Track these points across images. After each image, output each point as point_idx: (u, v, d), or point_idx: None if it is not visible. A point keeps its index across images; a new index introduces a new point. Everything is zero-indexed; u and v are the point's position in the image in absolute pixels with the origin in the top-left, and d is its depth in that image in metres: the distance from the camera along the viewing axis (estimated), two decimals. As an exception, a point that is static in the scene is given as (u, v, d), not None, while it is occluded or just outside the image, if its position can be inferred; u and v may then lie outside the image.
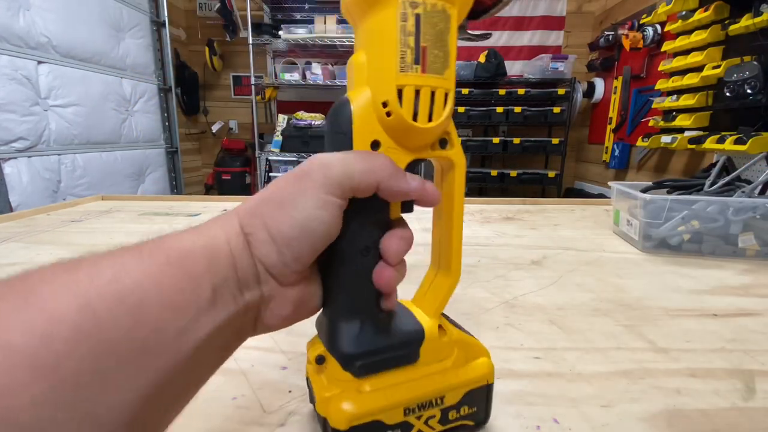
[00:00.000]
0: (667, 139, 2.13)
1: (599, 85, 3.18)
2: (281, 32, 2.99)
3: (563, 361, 0.35)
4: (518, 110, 3.00)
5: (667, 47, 2.19)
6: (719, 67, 1.83)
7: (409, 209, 0.24)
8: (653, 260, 0.61)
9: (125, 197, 1.15)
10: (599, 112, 3.25)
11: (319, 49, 3.24)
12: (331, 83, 3.11)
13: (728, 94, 1.77)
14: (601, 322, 0.42)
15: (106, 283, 0.14)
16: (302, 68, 3.13)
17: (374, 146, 0.22)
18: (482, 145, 3.19)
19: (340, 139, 0.22)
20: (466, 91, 3.03)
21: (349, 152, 0.21)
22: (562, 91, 2.98)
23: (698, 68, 1.98)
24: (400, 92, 0.21)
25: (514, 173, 3.16)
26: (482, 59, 3.04)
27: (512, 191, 3.38)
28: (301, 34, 2.97)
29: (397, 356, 0.23)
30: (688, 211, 0.61)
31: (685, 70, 2.08)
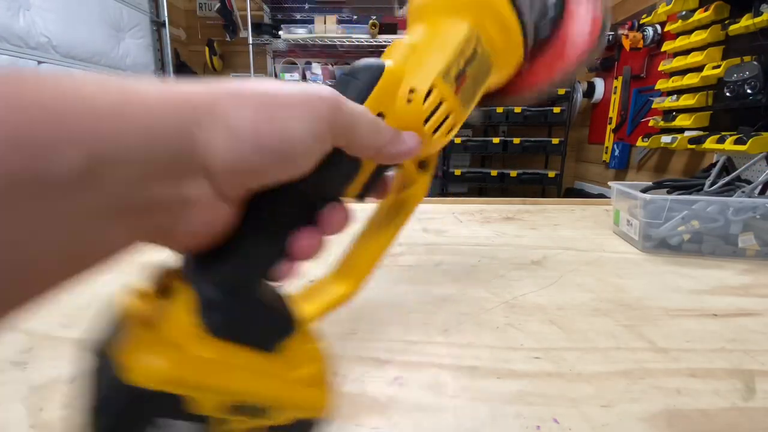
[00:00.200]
0: (667, 139, 2.13)
1: (599, 85, 3.18)
2: (281, 32, 2.99)
3: (563, 361, 0.35)
4: (518, 110, 3.01)
5: (667, 47, 2.19)
6: (719, 67, 1.83)
7: (361, 198, 0.23)
8: (653, 260, 0.61)
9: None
10: (599, 112, 3.25)
11: (319, 49, 3.24)
12: (331, 83, 3.11)
13: (728, 94, 1.77)
14: (601, 322, 0.42)
15: None
16: (302, 68, 3.13)
17: (380, 115, 0.21)
18: (482, 145, 3.19)
19: (356, 86, 0.21)
20: None
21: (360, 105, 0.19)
22: (562, 91, 2.98)
23: (698, 68, 1.98)
24: (430, 91, 0.22)
25: (514, 173, 3.16)
26: (482, 59, 3.04)
27: (512, 191, 3.38)
28: (301, 34, 2.97)
29: (258, 333, 0.18)
30: (688, 211, 0.61)
31: (685, 70, 2.08)
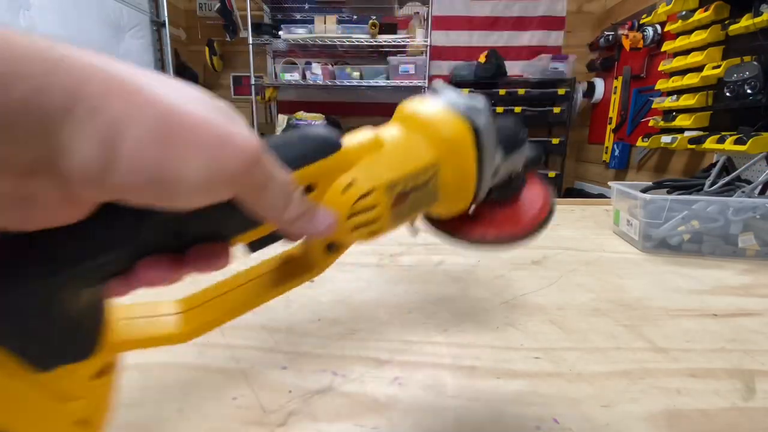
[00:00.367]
0: (667, 139, 2.13)
1: (599, 85, 3.18)
2: (281, 32, 2.99)
3: (563, 361, 0.35)
4: (518, 110, 3.00)
5: (667, 47, 2.19)
6: (719, 67, 1.83)
7: (252, 249, 0.21)
8: (653, 260, 0.61)
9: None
10: (599, 112, 3.25)
11: (319, 49, 3.24)
12: (331, 83, 3.11)
13: (728, 94, 1.77)
14: (601, 322, 0.42)
15: None
16: (302, 68, 3.13)
17: (309, 189, 0.21)
18: (482, 145, 3.19)
19: (299, 151, 0.20)
20: (466, 91, 3.03)
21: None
22: (562, 91, 2.98)
23: (698, 68, 1.98)
24: (369, 192, 0.22)
25: (514, 173, 3.15)
26: (482, 59, 3.03)
27: (512, 191, 3.38)
28: (301, 34, 2.97)
29: (37, 346, 0.15)
30: (688, 211, 0.61)
31: (685, 70, 2.08)
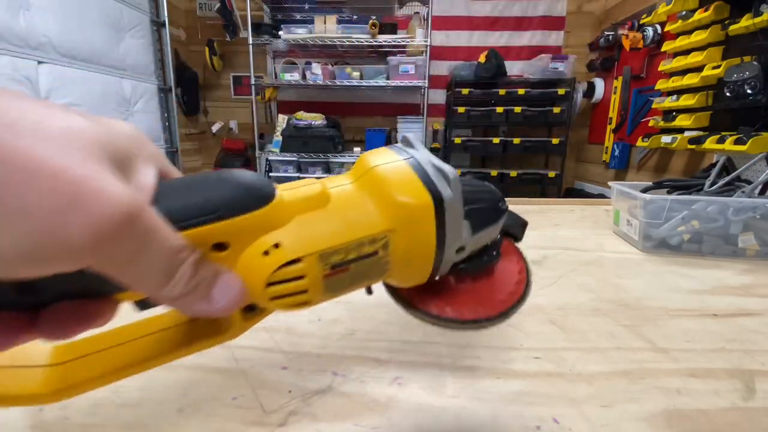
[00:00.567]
0: (667, 139, 2.13)
1: (599, 85, 3.18)
2: (281, 32, 2.99)
3: (563, 361, 0.35)
4: (518, 110, 3.00)
5: (667, 47, 2.19)
6: (719, 67, 1.83)
7: (140, 307, 0.18)
8: (653, 260, 0.61)
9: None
10: (599, 112, 3.25)
11: (319, 49, 3.24)
12: (331, 83, 3.12)
13: (728, 94, 1.77)
14: (601, 322, 0.42)
15: None
16: (302, 68, 3.13)
17: (219, 246, 0.17)
18: (482, 145, 3.19)
19: (212, 199, 0.17)
20: (466, 91, 3.03)
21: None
22: (562, 91, 2.98)
23: (698, 68, 1.98)
24: (296, 260, 0.18)
25: (514, 173, 3.16)
26: (482, 59, 3.03)
27: (512, 191, 3.38)
28: (301, 34, 2.97)
29: None
30: (688, 211, 0.61)
31: (685, 70, 2.08)
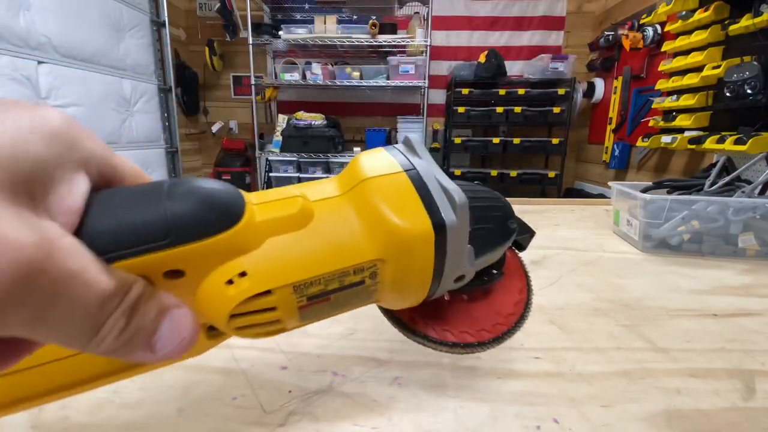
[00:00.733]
0: (667, 139, 2.13)
1: (599, 85, 3.18)
2: (281, 32, 2.99)
3: (563, 361, 0.35)
4: (518, 110, 3.01)
5: (667, 47, 2.19)
6: (719, 67, 1.83)
7: None
8: (653, 260, 0.61)
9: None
10: (599, 112, 3.25)
11: (319, 49, 3.24)
12: (331, 83, 3.12)
13: (728, 94, 1.77)
14: (601, 322, 0.42)
15: None
16: (302, 68, 3.13)
17: (176, 272, 0.15)
18: (482, 145, 3.19)
19: (174, 213, 0.15)
20: (466, 91, 3.03)
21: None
22: (562, 91, 2.98)
23: (698, 68, 1.98)
24: (266, 292, 0.16)
25: (514, 173, 3.16)
26: (482, 59, 3.04)
27: (512, 191, 3.38)
28: (301, 34, 2.97)
29: None
30: (688, 211, 0.61)
31: (685, 70, 2.08)
